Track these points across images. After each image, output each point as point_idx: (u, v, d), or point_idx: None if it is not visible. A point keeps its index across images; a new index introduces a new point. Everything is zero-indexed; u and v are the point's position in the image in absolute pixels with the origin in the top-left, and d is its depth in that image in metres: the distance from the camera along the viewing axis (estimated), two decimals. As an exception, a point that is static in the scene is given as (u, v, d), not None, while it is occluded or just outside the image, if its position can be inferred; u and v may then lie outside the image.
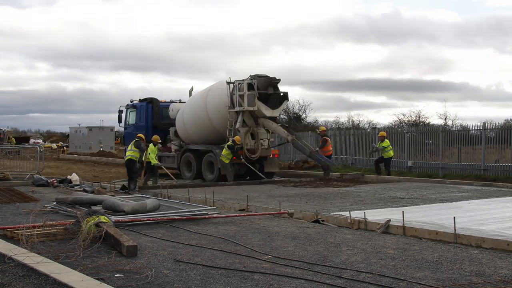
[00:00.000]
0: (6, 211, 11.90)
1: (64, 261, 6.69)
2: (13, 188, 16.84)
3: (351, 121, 47.64)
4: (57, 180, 18.62)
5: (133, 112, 25.19)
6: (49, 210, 11.90)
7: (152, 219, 10.22)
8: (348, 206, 12.33)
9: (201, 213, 10.99)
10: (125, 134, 26.35)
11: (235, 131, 19.79)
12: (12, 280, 5.84)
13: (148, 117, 24.19)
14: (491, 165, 20.84)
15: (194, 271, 6.45)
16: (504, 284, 5.87)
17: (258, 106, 19.45)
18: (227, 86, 20.12)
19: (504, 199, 14.01)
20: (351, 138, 28.01)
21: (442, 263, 6.87)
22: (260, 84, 19.61)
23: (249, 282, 5.92)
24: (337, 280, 6.03)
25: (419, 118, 38.11)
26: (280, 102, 20.27)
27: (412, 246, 7.97)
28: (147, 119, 24.17)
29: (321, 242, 8.33)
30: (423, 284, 5.84)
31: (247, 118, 19.84)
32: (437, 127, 26.98)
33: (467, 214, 10.94)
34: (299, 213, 11.20)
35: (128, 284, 5.81)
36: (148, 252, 7.53)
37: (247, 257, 7.20)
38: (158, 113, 24.15)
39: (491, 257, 7.25)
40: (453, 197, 14.23)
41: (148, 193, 15.53)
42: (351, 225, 9.94)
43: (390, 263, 6.86)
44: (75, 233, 8.26)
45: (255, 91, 19.37)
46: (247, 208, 12.15)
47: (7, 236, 8.59)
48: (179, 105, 23.40)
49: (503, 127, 21.91)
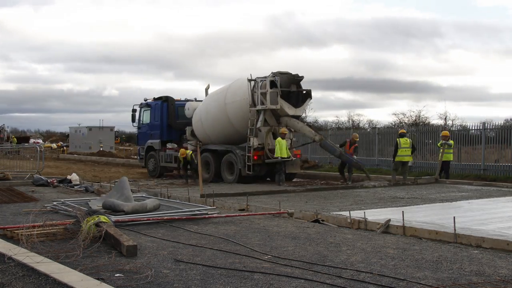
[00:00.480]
0: (6, 211, 11.90)
1: (64, 261, 6.69)
2: (13, 188, 16.85)
3: (351, 120, 47.67)
4: (57, 180, 18.62)
5: (147, 111, 24.51)
6: (49, 210, 11.90)
7: (152, 219, 10.22)
8: (348, 206, 12.33)
9: (201, 213, 11.00)
10: (138, 134, 25.69)
11: (256, 131, 19.14)
12: (12, 280, 5.84)
13: (163, 116, 23.50)
14: (491, 165, 20.85)
15: (194, 271, 6.45)
16: (504, 284, 5.86)
17: (280, 104, 18.70)
18: (248, 83, 19.38)
19: (504, 199, 14.02)
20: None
21: (442, 263, 6.87)
22: (282, 82, 18.84)
23: (249, 282, 5.92)
24: (337, 280, 6.02)
25: (419, 118, 38.14)
26: (303, 100, 19.44)
27: (412, 246, 7.97)
28: (162, 118, 23.51)
29: (321, 242, 8.33)
30: (423, 284, 5.84)
31: (269, 117, 19.14)
32: (437, 127, 27.00)
33: (467, 214, 10.95)
34: (299, 213, 11.20)
35: (128, 284, 5.81)
36: (148, 252, 7.53)
37: (247, 257, 7.20)
38: (173, 112, 23.41)
39: (491, 257, 7.24)
40: (453, 197, 14.24)
41: (149, 192, 15.52)
42: (351, 225, 9.94)
43: (390, 263, 6.86)
44: (75, 233, 8.26)
45: (277, 88, 18.66)
46: (247, 208, 12.15)
47: (7, 236, 8.59)
48: (196, 104, 22.71)
49: (503, 127, 21.92)
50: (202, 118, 21.27)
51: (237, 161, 19.22)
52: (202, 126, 21.33)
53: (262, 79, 19.00)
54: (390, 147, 25.75)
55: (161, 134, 23.60)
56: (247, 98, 19.46)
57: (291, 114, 18.99)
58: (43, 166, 21.82)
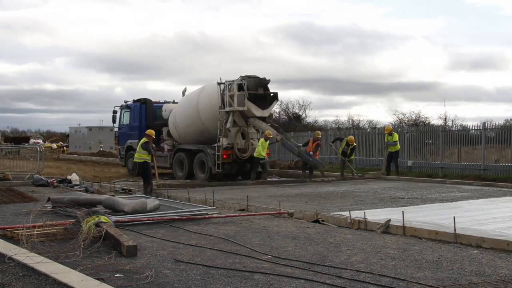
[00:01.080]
0: (6, 211, 11.90)
1: (64, 261, 6.69)
2: (13, 188, 16.84)
3: (350, 120, 47.60)
4: (57, 180, 18.61)
5: (127, 112, 25.58)
6: (49, 210, 11.88)
7: (152, 219, 10.22)
8: (348, 206, 12.34)
9: (201, 213, 11.00)
10: (119, 134, 26.72)
11: (225, 131, 20.07)
12: (12, 280, 5.84)
13: (141, 117, 24.57)
14: (491, 165, 20.84)
15: (194, 271, 6.45)
16: (504, 284, 5.86)
17: (248, 106, 19.75)
18: (217, 86, 20.41)
19: (504, 199, 14.02)
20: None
21: (442, 263, 6.87)
22: (250, 85, 19.92)
23: (249, 282, 5.92)
24: (337, 280, 6.03)
25: (419, 118, 38.08)
26: (270, 102, 20.51)
27: (412, 246, 7.97)
28: (141, 120, 24.56)
29: (321, 242, 8.34)
30: (423, 284, 5.84)
31: (238, 118, 20.15)
32: (437, 127, 26.99)
33: (467, 214, 10.95)
34: (299, 213, 11.20)
35: (128, 284, 5.81)
36: (148, 252, 7.53)
37: (247, 257, 7.20)
38: (151, 114, 24.56)
39: (491, 257, 7.25)
40: (453, 197, 14.25)
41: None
42: (351, 225, 9.94)
43: (390, 263, 6.86)
44: (75, 233, 8.25)
45: (245, 91, 19.68)
46: (247, 208, 12.15)
47: (7, 236, 8.58)
48: (172, 106, 23.79)
49: (503, 127, 21.91)
50: (177, 119, 22.24)
51: (208, 160, 20.10)
52: (176, 126, 22.32)
53: (230, 83, 20.03)
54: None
55: (139, 135, 24.33)
56: (217, 100, 20.38)
57: (258, 115, 19.99)
58: (43, 166, 21.81)
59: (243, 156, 19.84)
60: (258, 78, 20.28)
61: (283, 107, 50.93)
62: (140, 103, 24.79)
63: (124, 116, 25.80)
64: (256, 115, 19.94)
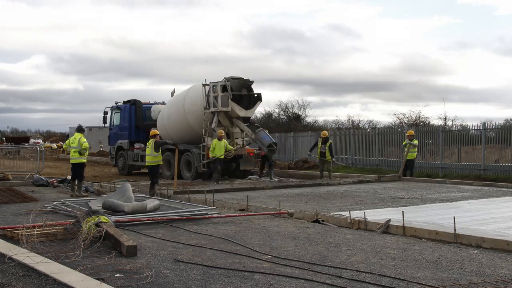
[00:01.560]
0: (6, 211, 11.90)
1: (64, 261, 6.69)
2: (13, 188, 16.86)
3: (350, 121, 47.61)
4: (57, 180, 18.62)
5: (117, 113, 26.10)
6: (49, 210, 11.90)
7: (152, 219, 10.22)
8: (348, 206, 12.34)
9: (201, 213, 11.00)
10: (110, 135, 27.20)
11: (211, 131, 20.58)
12: (12, 280, 5.84)
13: (131, 118, 25.16)
14: (491, 165, 20.86)
15: (194, 271, 6.45)
16: (504, 284, 5.86)
17: (232, 106, 20.23)
18: (202, 88, 20.97)
19: (504, 199, 14.02)
20: (351, 138, 28.03)
21: (442, 263, 6.87)
22: (234, 86, 20.42)
23: (249, 282, 5.92)
24: (337, 280, 6.03)
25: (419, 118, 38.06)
26: (254, 103, 20.94)
27: (412, 246, 7.97)
28: (131, 120, 25.17)
29: (321, 242, 8.34)
30: (423, 284, 5.84)
31: (222, 119, 20.67)
32: (437, 127, 26.99)
33: (467, 214, 10.95)
34: (299, 213, 11.20)
35: (128, 284, 5.81)
36: (148, 252, 7.53)
37: (247, 257, 7.20)
38: (141, 114, 25.18)
39: (491, 257, 7.25)
40: (453, 197, 14.24)
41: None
42: (351, 225, 9.94)
43: (390, 263, 6.86)
44: (75, 233, 8.25)
45: (228, 92, 20.15)
46: (247, 208, 12.15)
47: (7, 236, 8.59)
48: (160, 107, 24.38)
49: (503, 127, 21.92)
50: (165, 120, 22.86)
51: (194, 159, 20.74)
52: (164, 127, 22.81)
53: (214, 84, 20.61)
54: (390, 147, 25.80)
55: (129, 135, 25.32)
56: (202, 101, 21.01)
57: (242, 115, 20.59)
58: (43, 166, 21.84)
59: (228, 155, 19.98)
60: (242, 79, 20.79)
61: (283, 107, 50.96)
62: (130, 104, 25.39)
63: (114, 117, 26.37)
64: (240, 115, 20.48)
